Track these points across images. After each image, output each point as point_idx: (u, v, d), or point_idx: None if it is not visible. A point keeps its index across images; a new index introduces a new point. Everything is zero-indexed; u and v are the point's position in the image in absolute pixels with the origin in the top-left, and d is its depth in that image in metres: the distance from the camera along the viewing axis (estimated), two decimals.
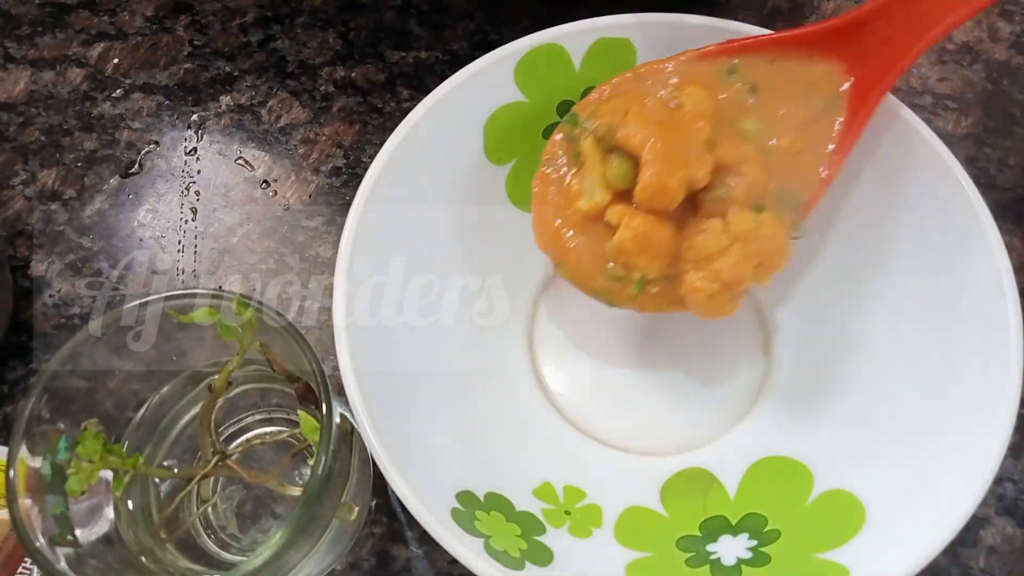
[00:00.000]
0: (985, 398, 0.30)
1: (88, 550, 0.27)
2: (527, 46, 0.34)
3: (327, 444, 0.26)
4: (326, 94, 0.44)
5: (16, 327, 0.39)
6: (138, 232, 0.41)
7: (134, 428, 0.30)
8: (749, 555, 0.31)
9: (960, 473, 0.29)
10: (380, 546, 0.35)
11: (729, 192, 0.30)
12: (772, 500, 0.32)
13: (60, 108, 0.43)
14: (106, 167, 0.42)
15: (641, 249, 0.30)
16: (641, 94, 0.32)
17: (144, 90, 0.44)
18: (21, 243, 0.40)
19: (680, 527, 0.32)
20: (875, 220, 0.35)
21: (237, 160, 0.42)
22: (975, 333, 0.31)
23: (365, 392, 0.29)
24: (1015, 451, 0.36)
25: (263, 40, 0.45)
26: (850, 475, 0.32)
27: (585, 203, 0.31)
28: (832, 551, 0.30)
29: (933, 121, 0.43)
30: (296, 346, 0.27)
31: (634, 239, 0.30)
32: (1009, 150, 0.43)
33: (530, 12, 0.45)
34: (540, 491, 0.33)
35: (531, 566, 0.29)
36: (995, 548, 0.35)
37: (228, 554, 0.32)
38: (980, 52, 0.45)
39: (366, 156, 0.42)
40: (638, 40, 0.35)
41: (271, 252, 0.40)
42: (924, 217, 0.33)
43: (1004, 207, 0.41)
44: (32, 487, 0.26)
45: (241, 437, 0.34)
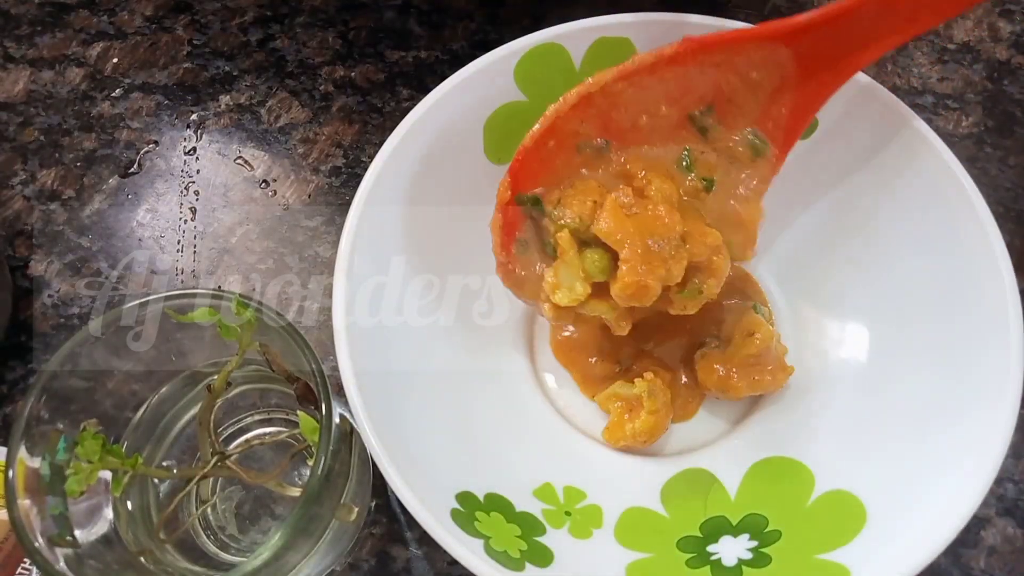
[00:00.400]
0: (985, 398, 0.30)
1: (87, 550, 0.27)
2: (527, 45, 0.34)
3: (326, 444, 0.26)
4: (326, 94, 0.44)
5: (15, 327, 0.38)
6: (137, 232, 0.41)
7: (133, 428, 0.30)
8: (750, 556, 0.31)
9: (961, 473, 0.29)
10: (380, 547, 0.35)
11: (698, 289, 0.31)
12: (773, 501, 0.32)
13: (59, 108, 0.43)
14: (105, 167, 0.42)
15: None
16: (602, 184, 0.32)
17: (143, 90, 0.44)
18: (20, 243, 0.40)
19: (681, 528, 0.32)
20: (876, 221, 0.35)
21: (236, 160, 0.42)
22: (975, 333, 0.31)
23: (364, 392, 0.29)
24: (1016, 451, 0.36)
25: (263, 39, 0.45)
26: (851, 475, 0.31)
27: (564, 297, 0.31)
28: (833, 552, 0.29)
29: (934, 120, 0.43)
30: (295, 346, 0.27)
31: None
32: (1009, 150, 0.43)
33: (530, 11, 0.45)
34: (540, 492, 0.33)
35: (531, 567, 0.29)
36: (996, 548, 0.35)
37: (227, 555, 0.32)
38: (981, 52, 0.45)
39: (366, 156, 0.42)
40: (638, 39, 0.35)
41: (270, 252, 0.40)
42: (925, 218, 0.33)
43: (1005, 207, 0.41)
44: (31, 487, 0.26)
45: (240, 437, 0.34)
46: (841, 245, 0.36)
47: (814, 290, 0.37)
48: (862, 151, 0.35)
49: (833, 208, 0.36)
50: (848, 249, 0.36)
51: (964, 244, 0.32)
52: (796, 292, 0.37)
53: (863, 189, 0.35)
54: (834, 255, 0.36)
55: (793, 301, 0.37)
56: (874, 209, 0.35)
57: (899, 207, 0.34)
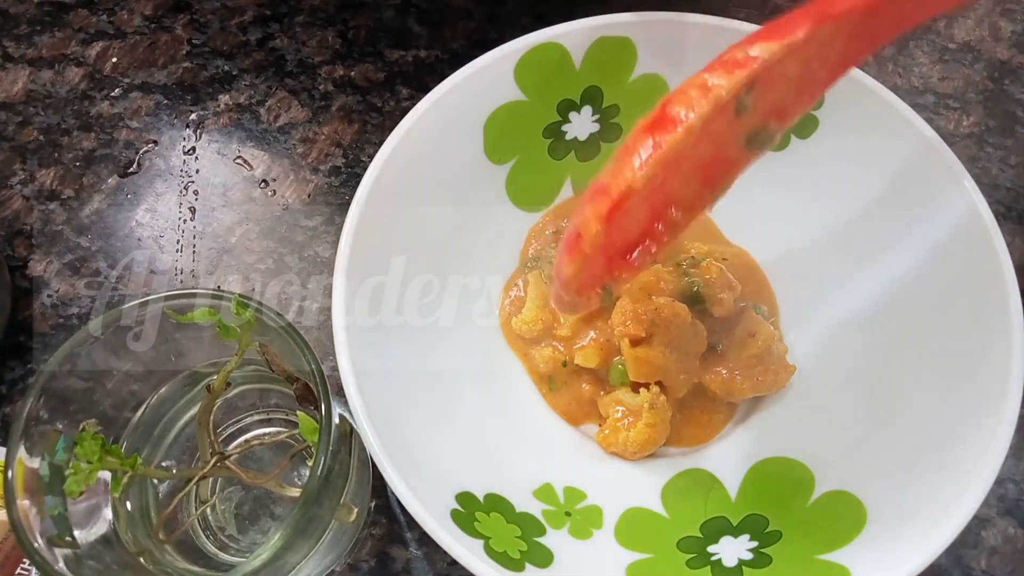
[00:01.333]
0: (987, 398, 0.30)
1: (86, 551, 0.27)
2: (527, 45, 0.34)
3: (326, 445, 0.26)
4: (325, 93, 0.44)
5: (15, 327, 0.38)
6: (136, 232, 0.41)
7: (132, 429, 0.30)
8: (750, 556, 0.31)
9: (961, 474, 0.29)
10: (379, 547, 0.35)
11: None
12: (773, 501, 0.32)
13: (58, 107, 0.43)
14: (104, 167, 0.42)
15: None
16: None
17: (143, 89, 0.44)
18: (19, 243, 0.40)
19: (681, 528, 0.32)
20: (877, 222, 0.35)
21: (236, 159, 0.42)
22: (976, 333, 0.31)
23: (364, 392, 0.29)
24: (1017, 452, 0.36)
25: (262, 39, 0.45)
26: (852, 476, 0.31)
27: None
28: (833, 552, 0.29)
29: (935, 120, 0.43)
30: (295, 346, 0.27)
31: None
32: (1011, 149, 0.43)
33: (530, 10, 0.45)
34: (540, 492, 0.33)
35: (531, 567, 0.29)
36: (997, 549, 0.35)
37: (227, 555, 0.32)
38: (982, 51, 0.45)
39: (365, 155, 0.42)
40: (638, 39, 0.35)
41: (270, 252, 0.40)
42: (927, 219, 0.33)
43: (1006, 207, 0.41)
44: (30, 488, 0.26)
45: (240, 438, 0.34)
46: (842, 245, 0.36)
47: (815, 290, 0.37)
48: (864, 151, 0.35)
49: (835, 208, 0.36)
50: (849, 249, 0.36)
51: (965, 244, 0.32)
52: (797, 292, 0.37)
53: (864, 189, 0.35)
54: (836, 255, 0.36)
55: (794, 301, 0.37)
56: (875, 209, 0.35)
57: (901, 207, 0.34)
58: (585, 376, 0.36)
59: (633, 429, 0.34)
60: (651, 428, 0.34)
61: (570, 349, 0.36)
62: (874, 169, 0.35)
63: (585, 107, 0.37)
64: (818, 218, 0.36)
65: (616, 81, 0.36)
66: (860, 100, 0.34)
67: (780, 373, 0.34)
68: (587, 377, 0.36)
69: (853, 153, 0.35)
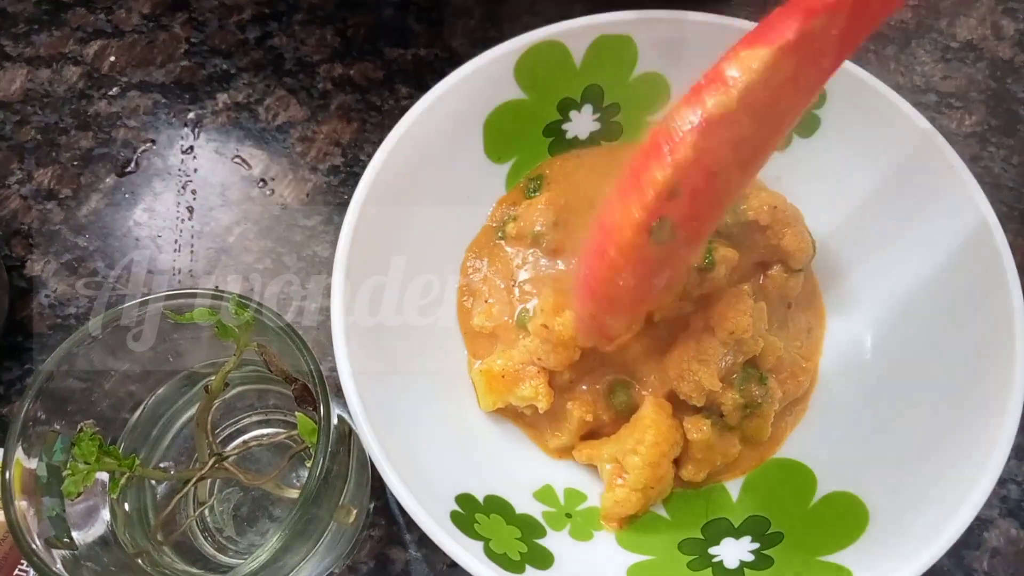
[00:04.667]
0: (989, 400, 0.29)
1: (84, 552, 0.27)
2: (527, 43, 0.34)
3: (325, 446, 0.25)
4: (324, 92, 0.43)
5: (12, 327, 0.38)
6: (134, 231, 0.40)
7: (130, 429, 0.30)
8: (752, 558, 0.31)
9: (964, 475, 0.29)
10: (379, 549, 0.35)
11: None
12: (775, 503, 0.32)
13: (56, 106, 0.43)
14: (102, 166, 0.42)
15: None
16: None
17: (140, 88, 0.44)
18: (17, 242, 0.40)
19: (682, 530, 0.32)
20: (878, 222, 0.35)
21: (234, 158, 0.42)
22: (978, 335, 0.31)
23: (363, 393, 0.29)
24: (1019, 453, 0.36)
25: (260, 37, 0.45)
26: (853, 477, 0.31)
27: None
28: (835, 553, 0.29)
29: (937, 119, 0.43)
30: (294, 347, 0.27)
31: None
32: (1013, 148, 0.43)
33: (530, 9, 0.45)
34: (540, 493, 0.33)
35: (532, 569, 0.29)
36: (999, 550, 0.35)
37: (225, 556, 0.32)
38: (984, 50, 0.45)
39: (364, 154, 0.42)
40: (639, 37, 0.35)
41: (268, 251, 0.40)
42: (929, 219, 0.33)
43: (1008, 206, 0.41)
44: (28, 489, 0.26)
45: (238, 439, 0.33)
46: (842, 245, 0.36)
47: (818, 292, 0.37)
48: (865, 151, 0.35)
49: (835, 208, 0.36)
50: (850, 249, 0.36)
51: (968, 244, 0.32)
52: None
53: (867, 190, 0.35)
54: (837, 256, 0.36)
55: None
56: (876, 210, 0.35)
57: (902, 207, 0.34)
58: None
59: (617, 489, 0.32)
60: (637, 491, 0.31)
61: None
62: (875, 169, 0.34)
63: (586, 106, 0.37)
64: (818, 218, 0.36)
65: (617, 79, 0.36)
66: (862, 99, 0.34)
67: (800, 376, 0.34)
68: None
69: (854, 152, 0.35)
